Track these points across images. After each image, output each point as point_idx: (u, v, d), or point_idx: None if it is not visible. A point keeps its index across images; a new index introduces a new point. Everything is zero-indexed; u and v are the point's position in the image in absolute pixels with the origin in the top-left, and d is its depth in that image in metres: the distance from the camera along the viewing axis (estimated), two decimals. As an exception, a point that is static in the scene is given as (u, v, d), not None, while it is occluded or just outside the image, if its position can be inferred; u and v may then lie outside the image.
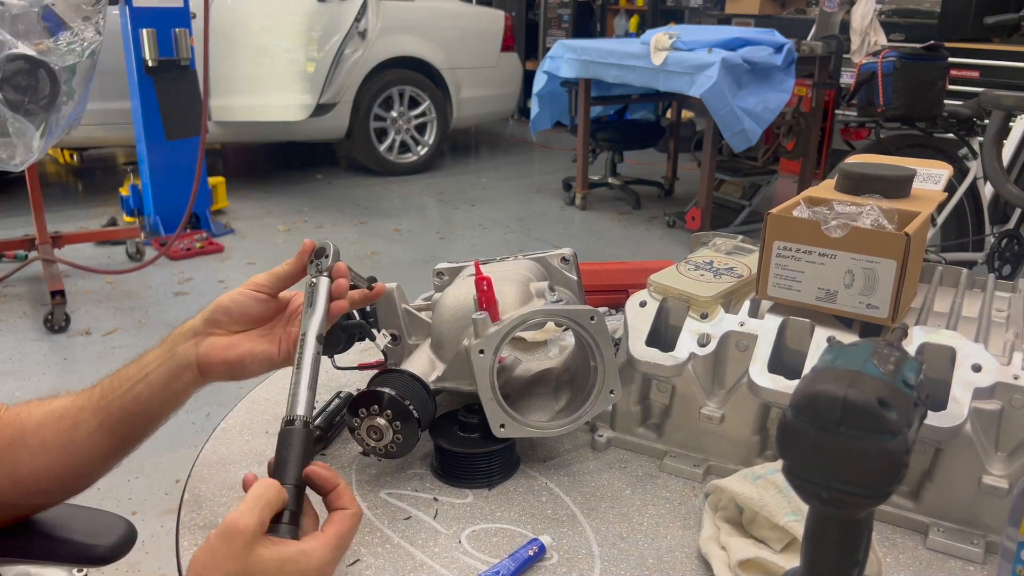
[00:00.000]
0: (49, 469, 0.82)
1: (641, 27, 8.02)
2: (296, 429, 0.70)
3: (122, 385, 0.82)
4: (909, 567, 0.80)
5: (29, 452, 0.82)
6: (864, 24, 4.87)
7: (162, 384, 0.82)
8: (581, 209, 5.41)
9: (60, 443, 0.82)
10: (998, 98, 2.98)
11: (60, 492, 0.87)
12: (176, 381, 0.82)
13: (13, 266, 3.85)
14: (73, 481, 0.85)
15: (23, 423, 0.83)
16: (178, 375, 0.82)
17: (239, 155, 6.95)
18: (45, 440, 0.82)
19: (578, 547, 0.82)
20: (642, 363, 0.95)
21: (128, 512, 2.28)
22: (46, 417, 0.83)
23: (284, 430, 0.71)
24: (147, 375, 0.82)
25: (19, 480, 0.82)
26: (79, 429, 0.82)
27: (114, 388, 0.82)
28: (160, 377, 0.82)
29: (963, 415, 0.80)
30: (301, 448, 0.70)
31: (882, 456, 0.54)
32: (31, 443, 0.82)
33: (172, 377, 0.82)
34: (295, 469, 0.68)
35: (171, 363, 0.82)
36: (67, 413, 0.83)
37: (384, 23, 5.26)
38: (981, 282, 1.07)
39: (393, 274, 3.75)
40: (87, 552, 0.91)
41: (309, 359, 0.76)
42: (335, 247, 0.86)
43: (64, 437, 0.82)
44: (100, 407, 0.82)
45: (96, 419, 0.82)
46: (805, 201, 0.97)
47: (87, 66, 2.38)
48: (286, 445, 0.70)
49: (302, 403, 0.73)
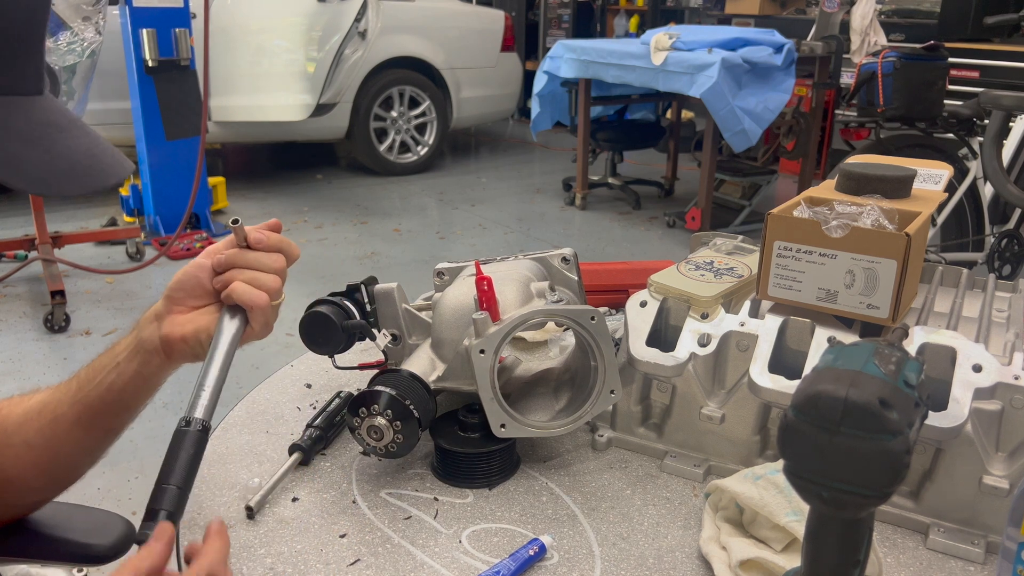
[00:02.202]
0: (36, 466, 0.82)
1: (641, 27, 8.03)
2: (190, 431, 0.69)
3: (96, 376, 0.81)
4: (909, 567, 0.80)
5: (14, 451, 0.81)
6: (864, 24, 4.87)
7: (133, 371, 0.80)
8: (581, 209, 5.41)
9: (43, 439, 0.81)
10: (998, 98, 2.98)
11: (51, 488, 0.86)
12: (146, 366, 0.81)
13: (13, 266, 3.85)
14: (61, 475, 0.85)
15: (3, 421, 0.83)
16: (147, 360, 0.80)
17: (239, 155, 6.95)
18: (28, 437, 0.81)
19: (578, 547, 0.82)
20: (642, 363, 0.95)
21: (128, 512, 2.27)
22: (26, 414, 0.82)
23: (179, 430, 0.69)
24: (118, 363, 0.81)
25: (7, 479, 0.82)
26: (59, 423, 0.81)
27: (89, 379, 0.81)
28: (131, 364, 0.80)
29: (964, 415, 0.80)
30: (192, 451, 0.68)
31: (883, 456, 0.54)
32: (14, 441, 0.81)
33: (142, 363, 0.80)
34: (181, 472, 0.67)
35: (139, 349, 0.80)
36: (46, 408, 0.82)
37: (384, 23, 5.25)
38: (981, 282, 1.07)
39: (393, 274, 3.76)
40: (86, 551, 0.91)
41: (221, 354, 0.75)
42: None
43: (46, 432, 0.81)
44: (77, 399, 0.81)
45: (74, 412, 0.81)
46: (805, 201, 0.97)
47: (87, 66, 2.38)
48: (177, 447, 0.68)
49: (202, 404, 0.71)
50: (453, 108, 6.36)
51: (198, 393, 0.72)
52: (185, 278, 0.81)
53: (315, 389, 1.14)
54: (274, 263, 0.81)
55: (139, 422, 0.86)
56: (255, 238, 0.80)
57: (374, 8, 4.98)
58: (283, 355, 3.24)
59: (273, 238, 0.82)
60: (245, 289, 0.78)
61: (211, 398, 0.73)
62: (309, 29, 5.09)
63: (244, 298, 0.78)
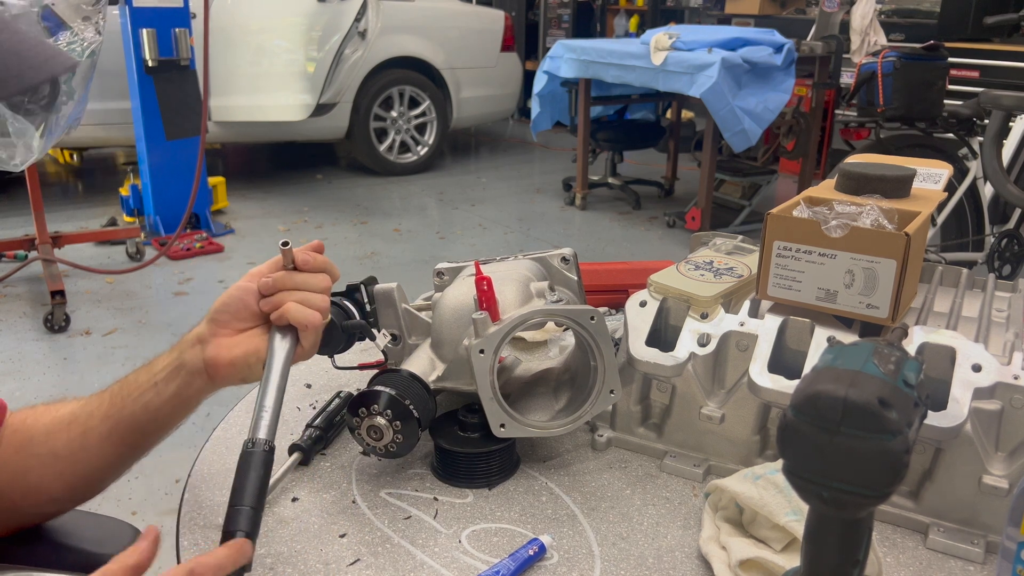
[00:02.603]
0: (60, 477, 0.82)
1: (641, 27, 8.03)
2: (256, 452, 0.72)
3: (132, 393, 0.81)
4: (909, 567, 0.80)
5: (39, 460, 0.81)
6: (864, 24, 4.88)
7: (172, 392, 0.80)
8: (581, 209, 5.41)
9: (71, 451, 0.81)
10: (998, 98, 2.98)
11: (70, 499, 0.86)
12: (187, 388, 0.81)
13: (13, 266, 3.85)
14: (83, 488, 0.85)
15: (31, 430, 0.82)
16: (188, 382, 0.81)
17: (239, 155, 6.95)
18: (55, 448, 0.81)
19: (578, 547, 0.82)
20: (642, 363, 0.95)
21: (128, 512, 2.28)
22: (55, 424, 0.82)
23: (245, 452, 0.72)
24: (156, 383, 0.81)
25: (29, 488, 0.82)
26: (89, 436, 0.81)
27: (124, 396, 0.81)
28: (170, 385, 0.80)
29: (963, 415, 0.80)
30: (261, 471, 0.71)
31: (882, 456, 0.54)
32: (40, 451, 0.81)
33: (182, 384, 0.80)
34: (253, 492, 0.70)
35: (180, 370, 0.81)
36: (76, 420, 0.82)
37: (384, 23, 5.25)
38: (981, 282, 1.07)
39: (393, 274, 3.76)
40: (95, 561, 0.90)
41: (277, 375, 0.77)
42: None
43: (74, 445, 0.81)
44: (110, 414, 0.81)
45: (106, 426, 0.81)
46: (805, 201, 0.97)
47: (87, 66, 2.38)
48: (247, 468, 0.72)
49: (265, 425, 0.74)
50: (453, 108, 6.36)
51: (259, 415, 0.74)
52: (231, 301, 0.81)
53: (315, 389, 1.14)
54: (321, 283, 0.83)
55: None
56: (302, 259, 0.83)
57: (374, 8, 4.98)
58: (283, 355, 3.24)
59: (319, 259, 0.84)
60: (298, 309, 0.80)
61: (272, 418, 0.75)
62: (309, 29, 5.09)
63: (298, 318, 0.80)
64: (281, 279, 0.81)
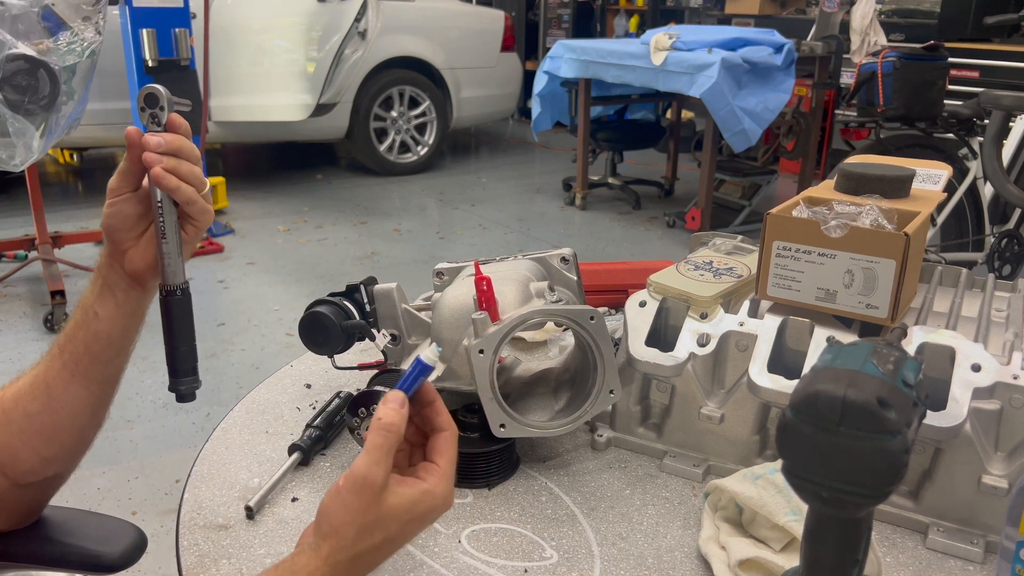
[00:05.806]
0: (40, 433, 0.84)
1: (641, 27, 8.03)
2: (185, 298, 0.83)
3: (76, 332, 0.84)
4: (909, 567, 0.80)
5: (16, 426, 0.83)
6: (864, 24, 4.87)
7: (112, 310, 0.84)
8: (581, 209, 5.41)
9: (40, 406, 0.83)
10: (998, 98, 2.98)
11: (62, 456, 0.87)
12: (126, 302, 0.84)
13: (13, 266, 3.85)
14: (68, 439, 0.86)
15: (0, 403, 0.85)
16: (124, 298, 0.84)
17: (239, 155, 6.95)
18: (26, 408, 0.83)
19: (578, 547, 0.82)
20: (642, 363, 0.95)
21: (128, 512, 2.28)
22: (18, 392, 0.85)
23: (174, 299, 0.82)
24: (95, 312, 0.84)
25: (16, 454, 0.83)
26: (54, 387, 0.83)
27: (71, 338, 0.84)
28: (107, 305, 0.84)
29: (963, 415, 0.80)
30: (189, 312, 0.82)
31: (882, 456, 0.54)
32: (13, 417, 0.83)
33: (120, 300, 0.84)
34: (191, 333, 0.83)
35: (111, 289, 0.84)
36: (37, 379, 0.84)
37: (384, 23, 5.25)
38: (981, 282, 1.07)
39: (393, 274, 3.75)
40: (96, 560, 0.90)
41: (173, 225, 0.82)
42: (166, 91, 0.83)
43: (41, 400, 0.83)
44: (66, 359, 0.84)
45: (67, 371, 0.83)
46: (805, 201, 0.97)
47: (87, 66, 2.38)
48: (181, 314, 0.83)
49: (179, 271, 0.82)
50: (453, 108, 6.35)
51: (166, 263, 0.81)
52: (111, 220, 0.83)
53: (315, 389, 1.14)
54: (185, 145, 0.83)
55: (139, 423, 0.87)
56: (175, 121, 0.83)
57: (374, 8, 4.98)
58: (283, 355, 3.24)
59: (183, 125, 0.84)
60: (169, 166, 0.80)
61: (181, 263, 0.82)
62: (309, 29, 5.09)
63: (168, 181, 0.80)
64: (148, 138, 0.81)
